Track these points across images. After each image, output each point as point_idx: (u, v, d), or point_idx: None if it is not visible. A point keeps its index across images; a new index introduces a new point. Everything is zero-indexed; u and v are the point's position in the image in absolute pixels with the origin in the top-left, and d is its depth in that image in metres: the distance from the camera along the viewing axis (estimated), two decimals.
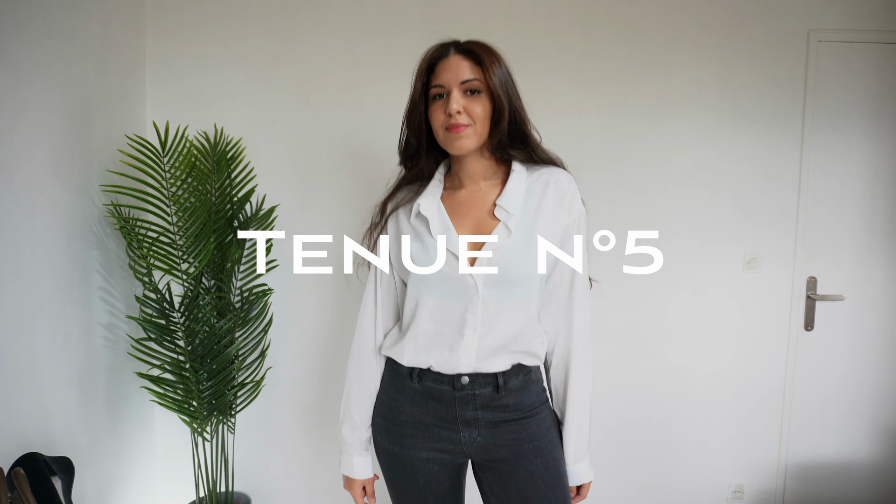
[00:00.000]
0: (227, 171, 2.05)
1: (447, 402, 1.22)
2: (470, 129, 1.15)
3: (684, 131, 2.29)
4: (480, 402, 1.21)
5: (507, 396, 1.22)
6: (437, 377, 1.22)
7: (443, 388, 1.22)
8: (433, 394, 1.23)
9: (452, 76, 1.13)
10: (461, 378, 1.20)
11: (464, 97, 1.14)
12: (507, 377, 1.22)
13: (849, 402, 2.40)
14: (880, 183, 2.33)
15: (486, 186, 1.24)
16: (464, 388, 1.21)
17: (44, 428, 1.63)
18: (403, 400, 1.26)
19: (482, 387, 1.21)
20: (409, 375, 1.25)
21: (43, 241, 1.63)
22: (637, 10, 2.26)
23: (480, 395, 1.21)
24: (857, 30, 2.28)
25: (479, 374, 1.20)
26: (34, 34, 1.59)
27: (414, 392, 1.25)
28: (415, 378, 1.24)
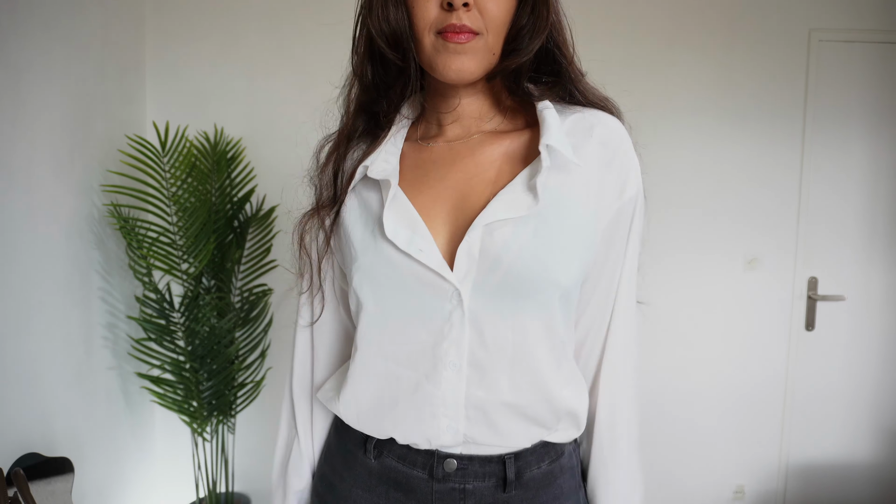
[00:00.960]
0: (227, 171, 2.05)
1: (419, 496, 0.74)
2: (479, 41, 0.67)
3: (684, 131, 2.29)
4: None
5: (522, 496, 0.74)
6: (405, 453, 0.75)
7: (413, 472, 0.75)
8: (398, 480, 0.75)
9: None
10: (445, 462, 0.73)
11: None
12: (521, 462, 0.74)
13: (849, 402, 2.40)
14: (881, 183, 2.33)
15: (481, 138, 0.74)
16: (448, 479, 0.73)
17: (44, 428, 1.63)
18: (352, 480, 0.78)
19: (478, 479, 0.73)
20: (363, 444, 0.78)
21: (43, 241, 1.63)
22: (637, 10, 2.26)
23: (475, 492, 0.73)
24: (858, 29, 2.28)
25: (474, 458, 0.73)
26: (34, 34, 1.59)
27: (368, 472, 0.77)
28: (370, 450, 0.77)
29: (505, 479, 0.73)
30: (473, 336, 0.69)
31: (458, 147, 0.74)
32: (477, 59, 0.67)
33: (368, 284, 0.71)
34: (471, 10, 0.65)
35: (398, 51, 0.69)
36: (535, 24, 0.69)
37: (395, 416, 0.73)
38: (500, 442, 0.72)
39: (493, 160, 0.72)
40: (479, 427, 0.71)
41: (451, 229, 0.70)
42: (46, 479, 1.40)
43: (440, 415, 0.71)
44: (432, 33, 0.66)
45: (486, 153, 0.72)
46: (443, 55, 0.66)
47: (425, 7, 0.66)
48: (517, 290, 0.67)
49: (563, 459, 0.77)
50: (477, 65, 0.67)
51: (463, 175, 0.72)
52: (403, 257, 0.68)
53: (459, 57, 0.66)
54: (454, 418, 0.71)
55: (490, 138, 0.74)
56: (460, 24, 0.64)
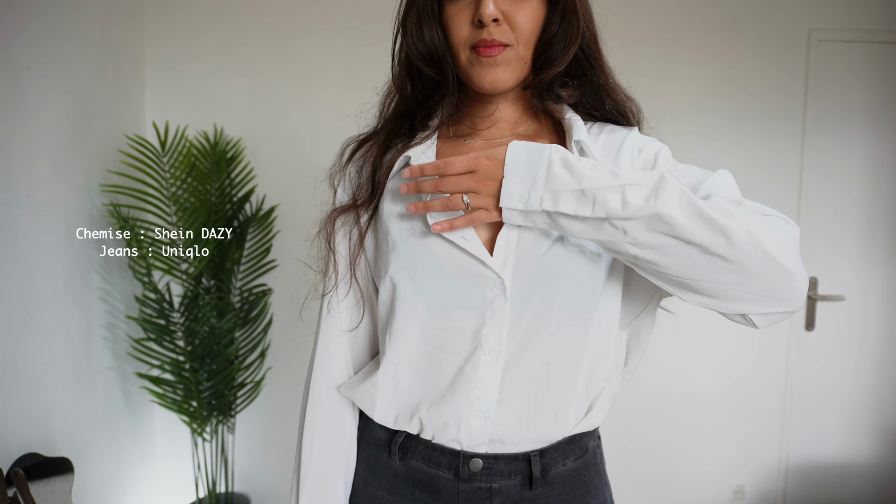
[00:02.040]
0: (227, 171, 2.05)
1: (445, 497, 0.76)
2: (510, 52, 0.71)
3: (684, 131, 2.29)
4: (499, 503, 0.75)
5: (548, 494, 0.76)
6: (431, 454, 0.76)
7: (439, 473, 0.76)
8: (423, 481, 0.77)
9: None
10: (471, 461, 0.74)
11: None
12: (547, 459, 0.75)
13: (850, 402, 2.40)
14: (881, 183, 2.33)
15: (509, 138, 0.79)
16: (474, 479, 0.75)
17: (44, 428, 1.63)
18: (377, 483, 0.81)
19: (504, 477, 0.75)
20: (387, 445, 0.79)
21: (43, 241, 1.63)
22: (637, 10, 2.26)
23: (501, 491, 0.75)
24: (858, 30, 2.28)
25: (500, 456, 0.74)
26: (34, 34, 1.59)
27: (393, 474, 0.79)
28: (395, 451, 0.78)
29: (531, 477, 0.74)
30: (514, 321, 0.71)
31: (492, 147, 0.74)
32: (510, 70, 0.72)
33: (407, 272, 0.73)
34: (501, 24, 0.69)
35: (435, 67, 0.75)
36: (567, 33, 0.72)
37: (430, 399, 0.74)
38: (527, 433, 0.73)
39: None
40: (508, 411, 0.72)
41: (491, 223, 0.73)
42: (46, 479, 1.40)
43: (474, 398, 0.72)
44: (467, 49, 0.72)
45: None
46: (477, 68, 0.71)
47: (459, 25, 0.71)
48: (554, 277, 0.71)
49: (587, 456, 0.79)
50: (510, 75, 0.72)
51: None
52: (445, 245, 0.72)
53: (493, 69, 0.71)
54: (487, 402, 0.72)
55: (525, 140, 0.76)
56: (490, 39, 0.69)
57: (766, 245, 0.61)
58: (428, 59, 0.74)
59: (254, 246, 2.14)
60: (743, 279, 0.63)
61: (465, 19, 0.70)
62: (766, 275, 0.62)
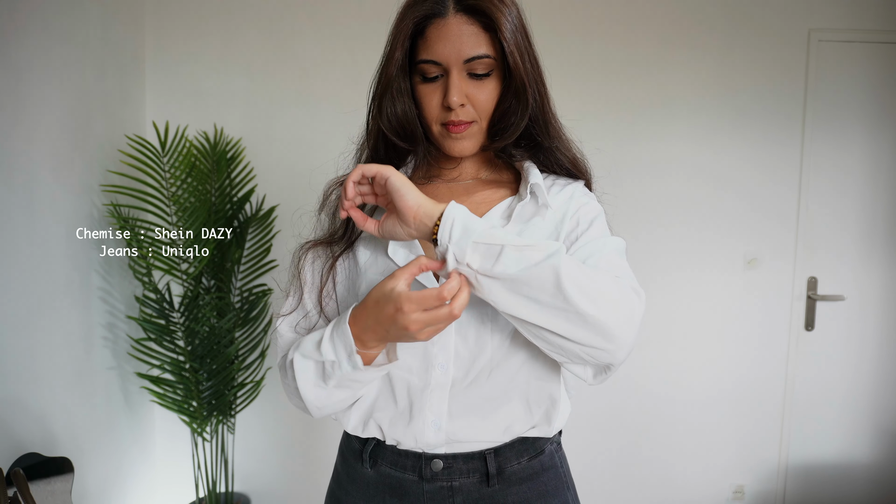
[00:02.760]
0: (227, 171, 2.05)
1: (412, 499, 0.84)
2: (475, 127, 0.82)
3: (684, 131, 2.29)
4: (461, 501, 0.83)
5: (506, 491, 0.83)
6: (397, 458, 0.84)
7: (405, 476, 0.84)
8: (392, 485, 0.85)
9: (452, 49, 0.77)
10: (432, 462, 0.82)
11: (467, 80, 0.80)
12: (501, 458, 0.83)
13: (849, 402, 2.40)
14: (881, 182, 2.33)
15: (475, 183, 0.91)
16: (436, 478, 0.83)
17: (44, 428, 1.63)
18: (355, 493, 0.88)
19: (463, 475, 0.83)
20: (360, 455, 0.87)
21: (43, 241, 1.63)
22: (637, 10, 2.26)
23: (461, 489, 0.83)
24: (858, 30, 2.28)
25: (458, 455, 0.82)
26: (34, 34, 1.59)
27: (366, 482, 0.87)
28: (366, 459, 0.86)
29: (488, 474, 0.82)
30: (458, 339, 0.80)
31: (455, 187, 0.90)
32: (474, 140, 0.84)
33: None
34: (465, 106, 0.80)
35: (407, 141, 0.85)
36: (518, 107, 0.82)
37: (390, 413, 0.83)
38: (478, 436, 0.82)
39: (483, 198, 0.87)
40: (459, 421, 0.81)
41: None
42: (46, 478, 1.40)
43: (427, 411, 0.81)
44: (438, 124, 0.83)
45: (477, 194, 0.88)
46: (448, 140, 0.83)
47: (430, 105, 0.82)
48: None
49: (543, 457, 0.86)
50: (474, 144, 0.84)
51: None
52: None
53: (461, 141, 0.83)
54: (438, 414, 0.81)
55: (482, 184, 0.90)
56: (458, 121, 0.81)
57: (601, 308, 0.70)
58: (401, 133, 0.85)
59: (254, 246, 2.14)
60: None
61: (435, 100, 0.81)
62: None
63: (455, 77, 0.78)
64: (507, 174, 0.92)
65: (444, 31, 0.77)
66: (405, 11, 0.81)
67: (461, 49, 0.77)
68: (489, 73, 0.80)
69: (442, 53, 0.78)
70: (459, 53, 0.77)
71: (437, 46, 0.78)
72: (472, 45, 0.77)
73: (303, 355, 0.79)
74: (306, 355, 0.79)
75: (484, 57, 0.78)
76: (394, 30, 0.82)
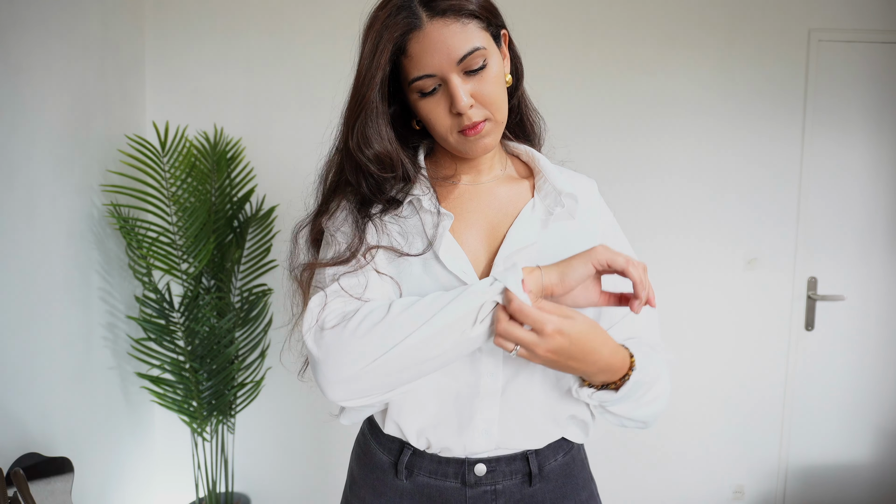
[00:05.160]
0: (227, 171, 2.05)
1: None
2: (489, 123, 0.78)
3: (684, 131, 2.29)
4: (504, 503, 0.83)
5: (544, 488, 0.84)
6: (437, 466, 0.82)
7: (446, 484, 0.82)
8: (431, 495, 0.83)
9: (442, 56, 0.74)
10: (475, 467, 0.81)
11: (467, 79, 0.76)
12: (541, 457, 0.84)
13: (849, 402, 2.40)
14: (881, 182, 2.33)
15: (497, 182, 0.88)
16: (479, 483, 0.81)
17: (44, 428, 1.63)
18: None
19: (506, 477, 0.82)
20: (393, 467, 0.85)
21: (43, 241, 1.63)
22: (637, 10, 2.26)
23: (504, 491, 0.82)
24: (858, 29, 2.28)
25: (501, 458, 0.82)
26: (34, 34, 1.59)
27: (400, 494, 0.84)
28: (401, 470, 0.83)
29: (530, 474, 0.82)
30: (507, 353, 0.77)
31: (477, 189, 0.87)
32: (493, 136, 0.80)
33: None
34: (474, 106, 0.76)
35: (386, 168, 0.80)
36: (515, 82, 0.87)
37: (437, 421, 0.80)
38: (526, 440, 0.82)
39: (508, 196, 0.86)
40: (509, 427, 0.80)
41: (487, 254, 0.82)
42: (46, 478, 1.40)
43: (477, 418, 0.80)
44: (454, 133, 0.78)
45: (500, 190, 0.86)
46: (467, 145, 0.79)
47: (439, 117, 0.77)
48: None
49: (574, 451, 0.88)
50: (494, 138, 0.80)
51: (488, 210, 0.85)
52: (449, 276, 0.78)
53: (480, 142, 0.79)
54: (489, 421, 0.80)
55: (504, 182, 0.88)
56: (472, 123, 0.76)
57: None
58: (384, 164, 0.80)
59: (254, 246, 2.14)
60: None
61: (442, 112, 0.77)
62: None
63: (455, 82, 0.74)
64: (514, 162, 0.92)
65: (427, 42, 0.74)
66: (378, 33, 0.76)
67: (450, 52, 0.73)
68: (484, 63, 0.75)
69: (433, 64, 0.74)
70: (450, 57, 0.73)
71: (425, 59, 0.74)
72: (458, 43, 0.74)
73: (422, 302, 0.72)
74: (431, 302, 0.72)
75: (474, 50, 0.74)
76: (367, 52, 0.77)
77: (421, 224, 0.81)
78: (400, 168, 0.81)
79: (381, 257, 0.80)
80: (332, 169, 0.86)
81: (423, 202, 0.81)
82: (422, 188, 0.82)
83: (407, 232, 0.81)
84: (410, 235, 0.81)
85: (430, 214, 0.81)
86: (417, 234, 0.81)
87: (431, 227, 0.80)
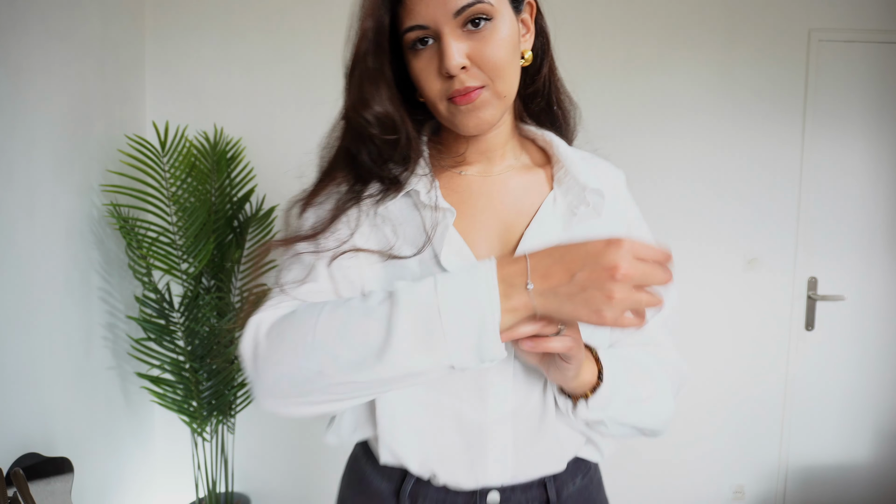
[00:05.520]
0: (227, 171, 2.05)
1: None
2: (486, 93, 0.67)
3: (684, 131, 2.29)
4: None
5: None
6: (445, 496, 0.72)
7: None
8: None
9: (438, 5, 0.63)
10: (488, 496, 0.71)
11: (465, 36, 0.65)
12: (559, 482, 0.75)
13: (850, 402, 2.40)
14: (881, 182, 2.33)
15: (510, 173, 0.76)
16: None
17: (44, 428, 1.63)
18: None
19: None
20: (394, 496, 0.74)
21: (43, 241, 1.63)
22: (637, 10, 2.26)
23: None
24: (858, 29, 2.28)
25: (516, 487, 0.72)
26: (34, 34, 1.59)
27: None
28: (404, 499, 0.73)
29: (548, 501, 0.73)
30: (517, 364, 0.69)
31: (490, 181, 0.75)
32: (491, 109, 0.68)
33: None
34: (469, 70, 0.65)
35: (387, 129, 0.69)
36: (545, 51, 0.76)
37: (441, 448, 0.70)
38: (543, 467, 0.72)
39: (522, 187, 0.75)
40: (525, 454, 0.70)
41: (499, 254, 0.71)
42: (46, 478, 1.40)
43: (489, 446, 0.69)
44: (444, 100, 0.68)
45: (512, 181, 0.75)
46: (458, 116, 0.68)
47: (429, 79, 0.67)
48: None
49: (591, 472, 0.81)
50: (492, 114, 0.68)
51: (501, 206, 0.73)
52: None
53: (473, 113, 0.67)
54: (503, 449, 0.70)
55: (519, 172, 0.76)
56: (463, 88, 0.65)
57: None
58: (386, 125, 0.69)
59: (254, 246, 2.14)
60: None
61: (432, 72, 0.66)
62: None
63: (448, 36, 0.64)
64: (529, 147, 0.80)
65: None
66: None
67: (447, 1, 0.63)
68: (489, 18, 0.64)
69: (426, 13, 0.63)
70: (447, 6, 0.63)
71: (419, 7, 0.64)
72: None
73: (340, 305, 0.61)
74: (352, 304, 0.61)
75: (475, 2, 0.63)
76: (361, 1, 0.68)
77: (421, 221, 0.70)
78: (403, 133, 0.70)
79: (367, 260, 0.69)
80: (335, 134, 0.76)
81: (420, 195, 0.70)
82: (422, 179, 0.71)
83: (400, 230, 0.70)
84: (404, 234, 0.70)
85: (430, 210, 0.70)
86: (413, 233, 0.70)
87: (430, 224, 0.69)
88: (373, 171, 0.71)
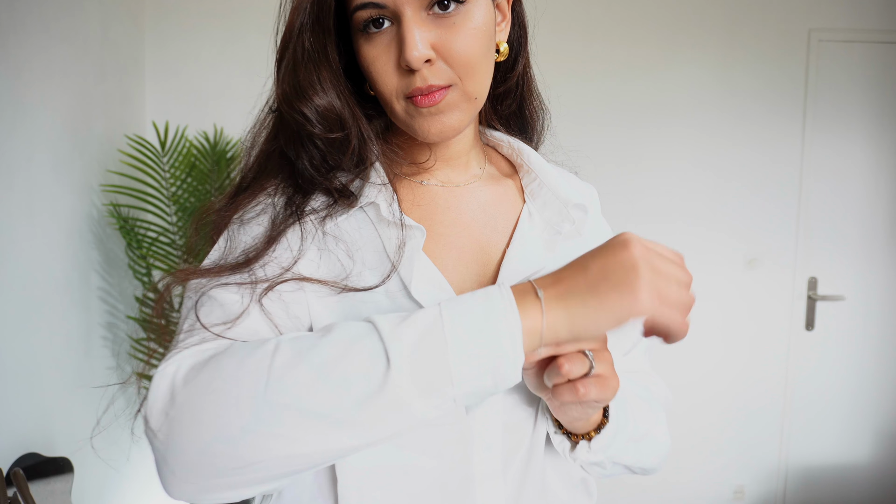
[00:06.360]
0: (227, 171, 2.05)
1: None
2: (454, 93, 0.55)
3: (684, 131, 2.29)
4: None
5: None
6: None
7: None
8: None
9: None
10: None
11: (429, 23, 0.53)
12: None
13: (849, 402, 2.40)
14: (881, 183, 2.33)
15: (470, 181, 0.64)
16: None
17: (44, 428, 1.63)
18: None
19: None
20: None
21: (43, 241, 1.63)
22: (637, 10, 2.26)
23: None
24: (858, 29, 2.28)
25: None
26: (34, 34, 1.59)
27: None
28: None
29: None
30: (505, 409, 0.58)
31: (459, 192, 0.63)
32: (457, 114, 0.56)
33: None
34: (434, 64, 0.53)
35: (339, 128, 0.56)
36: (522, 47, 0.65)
37: None
38: None
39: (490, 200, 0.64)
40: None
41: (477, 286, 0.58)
42: (46, 479, 1.40)
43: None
44: (401, 99, 0.55)
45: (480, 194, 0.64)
46: (418, 120, 0.55)
47: (384, 71, 0.54)
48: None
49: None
50: (459, 119, 0.56)
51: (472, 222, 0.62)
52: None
53: (437, 118, 0.55)
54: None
55: (486, 183, 0.65)
56: (426, 87, 0.53)
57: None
58: (332, 122, 0.55)
59: None
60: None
61: (388, 63, 0.53)
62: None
63: (410, 20, 0.51)
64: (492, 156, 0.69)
65: None
66: None
67: None
68: (462, 1, 0.52)
69: None
70: None
71: None
72: None
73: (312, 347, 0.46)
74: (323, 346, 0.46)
75: None
76: None
77: (380, 242, 0.57)
78: (354, 132, 0.56)
79: (315, 293, 0.55)
80: (261, 133, 0.62)
81: (381, 209, 0.56)
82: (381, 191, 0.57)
83: (357, 254, 0.56)
84: (362, 259, 0.56)
85: (394, 227, 0.56)
86: (373, 257, 0.56)
87: (395, 246, 0.55)
88: (315, 179, 0.57)
